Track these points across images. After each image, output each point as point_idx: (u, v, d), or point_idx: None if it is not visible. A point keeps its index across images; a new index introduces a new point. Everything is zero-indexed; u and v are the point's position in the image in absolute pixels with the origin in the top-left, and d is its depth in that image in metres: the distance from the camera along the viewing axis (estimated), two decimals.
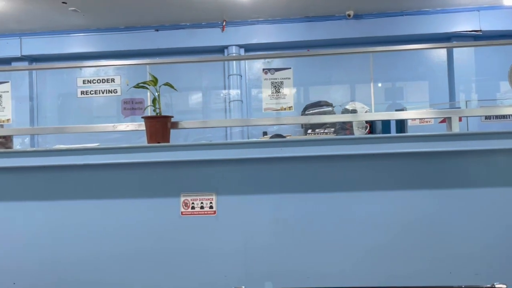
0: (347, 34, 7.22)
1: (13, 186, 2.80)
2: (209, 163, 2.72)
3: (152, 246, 2.73)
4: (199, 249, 2.72)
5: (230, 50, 7.57)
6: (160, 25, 7.58)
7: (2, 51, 7.92)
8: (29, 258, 2.76)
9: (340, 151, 2.67)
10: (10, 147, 5.27)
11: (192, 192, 2.73)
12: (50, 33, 7.88)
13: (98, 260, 2.74)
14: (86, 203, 2.77)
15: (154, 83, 2.73)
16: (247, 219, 2.71)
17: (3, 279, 2.72)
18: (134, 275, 2.73)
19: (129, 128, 3.01)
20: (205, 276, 2.71)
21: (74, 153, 2.76)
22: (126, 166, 2.73)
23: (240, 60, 7.42)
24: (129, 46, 7.58)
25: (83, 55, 7.86)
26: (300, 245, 2.69)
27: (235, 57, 7.12)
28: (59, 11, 6.77)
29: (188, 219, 2.74)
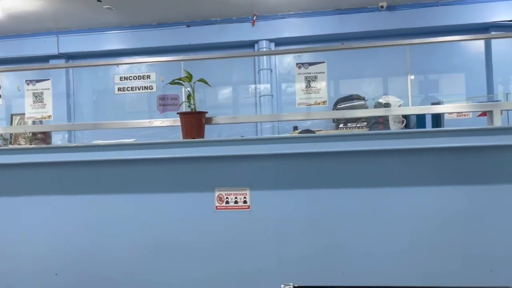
0: (380, 26, 7.08)
1: (53, 181, 2.90)
2: (242, 158, 2.74)
3: (187, 240, 2.78)
4: (233, 243, 2.75)
5: (260, 44, 7.57)
6: (191, 21, 7.65)
7: (40, 49, 8.20)
8: (70, 250, 2.86)
9: (374, 146, 2.63)
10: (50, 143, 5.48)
11: (226, 187, 2.75)
12: (85, 31, 8.09)
13: (134, 252, 2.81)
14: (123, 197, 2.85)
15: (189, 79, 2.77)
16: (281, 214, 2.72)
17: (47, 270, 2.84)
18: (170, 268, 2.79)
19: (165, 124, 3.06)
20: (239, 270, 2.74)
21: (111, 148, 2.83)
22: (162, 161, 2.78)
23: (271, 55, 7.40)
24: (161, 42, 7.70)
25: (117, 52, 8.04)
26: (334, 241, 2.68)
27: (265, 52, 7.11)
28: (94, 9, 6.94)
29: (222, 213, 2.77)
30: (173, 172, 2.80)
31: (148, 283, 2.79)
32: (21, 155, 2.90)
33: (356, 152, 2.66)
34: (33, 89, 3.08)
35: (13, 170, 2.90)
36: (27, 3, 6.60)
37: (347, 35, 7.24)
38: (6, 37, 8.20)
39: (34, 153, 2.89)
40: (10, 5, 6.60)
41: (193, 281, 2.76)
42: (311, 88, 2.79)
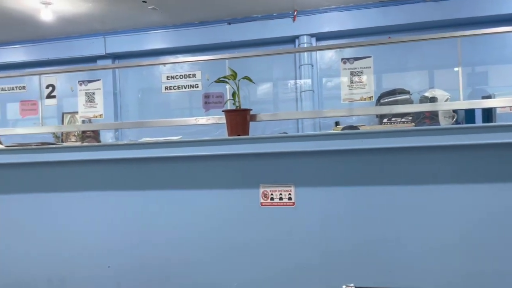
0: (425, 17, 6.86)
1: (104, 177, 3.01)
2: (287, 155, 2.75)
3: (233, 236, 2.83)
4: (278, 239, 2.77)
5: (301, 40, 7.52)
6: (233, 18, 7.72)
7: (88, 50, 8.53)
8: (121, 244, 2.97)
9: (421, 142, 2.57)
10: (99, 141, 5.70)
11: (271, 184, 2.77)
12: (130, 31, 8.34)
13: (181, 248, 2.89)
14: (170, 194, 2.93)
15: (234, 77, 2.81)
16: (326, 210, 2.71)
17: (100, 263, 2.97)
18: (214, 264, 2.84)
19: (210, 121, 3.12)
20: (284, 266, 2.76)
21: (159, 146, 2.92)
22: (208, 158, 2.84)
23: (312, 51, 7.34)
24: (202, 40, 7.81)
25: (161, 51, 8.24)
26: (380, 239, 2.64)
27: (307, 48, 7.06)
28: (139, 10, 7.14)
29: (267, 209, 2.79)
30: (218, 169, 2.85)
31: (193, 278, 2.86)
32: (73, 153, 3.03)
33: (402, 148, 2.61)
34: (85, 89, 3.22)
35: (65, 167, 3.04)
36: (76, 6, 6.88)
37: (390, 27, 7.06)
38: (56, 39, 8.59)
39: (86, 151, 3.02)
40: (60, 8, 6.91)
41: (238, 277, 2.81)
42: (357, 83, 2.75)
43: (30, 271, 3.06)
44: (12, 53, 8.77)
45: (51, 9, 6.80)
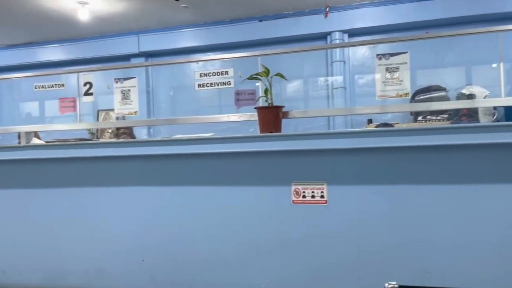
0: (464, 11, 6.63)
1: (137, 173, 3.07)
2: (320, 153, 2.72)
3: (264, 233, 2.83)
4: (311, 237, 2.75)
5: (333, 36, 7.43)
6: (264, 15, 7.70)
7: (122, 49, 8.71)
8: (154, 238, 3.03)
9: (458, 140, 2.49)
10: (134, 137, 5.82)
11: (303, 181, 2.75)
12: (162, 30, 8.47)
13: (212, 243, 2.91)
14: (202, 190, 2.95)
15: (266, 74, 2.80)
16: (359, 209, 2.67)
17: (134, 257, 3.03)
18: (246, 260, 2.85)
19: (242, 118, 3.12)
20: (316, 264, 2.74)
21: (192, 142, 2.95)
22: (240, 155, 2.85)
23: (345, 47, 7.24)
24: (234, 38, 7.84)
25: (192, 49, 8.32)
26: (414, 238, 2.58)
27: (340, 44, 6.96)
28: (172, 8, 7.23)
29: (299, 207, 2.78)
30: (250, 166, 2.85)
31: (224, 274, 2.88)
32: (109, 148, 3.11)
33: (438, 147, 2.53)
34: (121, 86, 3.29)
35: (102, 163, 3.11)
36: (111, 5, 7.04)
37: (427, 22, 6.86)
38: (92, 38, 8.82)
39: (121, 147, 3.09)
40: (96, 8, 7.08)
41: (269, 275, 2.80)
42: (392, 80, 2.69)
43: (68, 263, 3.16)
44: (50, 52, 9.07)
45: (88, 9, 6.98)
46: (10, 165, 3.25)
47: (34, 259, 3.22)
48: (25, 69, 9.06)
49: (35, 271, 3.21)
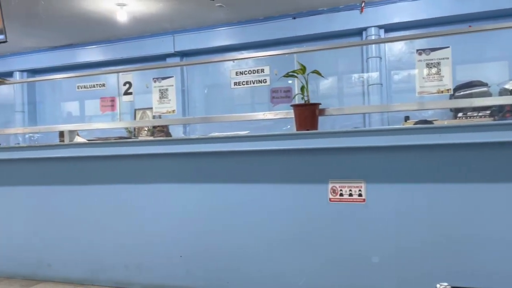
0: (506, 4, 6.36)
1: (176, 170, 3.13)
2: (357, 150, 2.68)
3: (300, 231, 2.82)
4: (348, 235, 2.72)
5: (369, 32, 7.30)
6: (298, 12, 7.66)
7: (158, 49, 8.88)
8: (191, 234, 3.07)
9: (502, 137, 2.39)
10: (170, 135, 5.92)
11: (340, 179, 2.73)
12: (197, 29, 8.57)
13: (249, 240, 2.93)
14: (237, 187, 2.97)
15: (303, 71, 2.78)
16: (399, 208, 2.62)
17: (172, 252, 3.09)
18: (282, 257, 2.85)
19: (278, 116, 3.12)
20: (354, 262, 2.70)
21: (227, 140, 2.97)
22: (276, 153, 2.85)
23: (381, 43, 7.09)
24: (267, 36, 7.84)
25: (226, 47, 8.38)
26: (457, 237, 2.50)
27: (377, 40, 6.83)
28: (207, 8, 7.30)
29: (336, 206, 2.75)
30: (286, 163, 2.85)
31: (261, 271, 2.89)
32: (147, 146, 3.17)
33: (479, 144, 2.45)
34: (159, 86, 3.36)
35: (139, 160, 3.18)
36: (148, 6, 7.19)
37: (467, 16, 6.63)
38: (129, 38, 9.04)
39: (160, 144, 3.15)
40: (133, 9, 7.25)
41: (307, 271, 2.79)
42: (433, 76, 2.61)
43: (109, 257, 3.26)
44: (90, 53, 9.36)
45: (126, 10, 7.16)
46: (55, 162, 3.38)
47: (78, 253, 3.34)
48: (66, 70, 9.41)
49: (78, 264, 3.33)
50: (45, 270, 3.42)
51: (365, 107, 5.73)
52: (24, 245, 3.50)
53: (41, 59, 9.72)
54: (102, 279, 3.26)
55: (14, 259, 3.52)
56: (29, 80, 8.45)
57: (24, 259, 3.49)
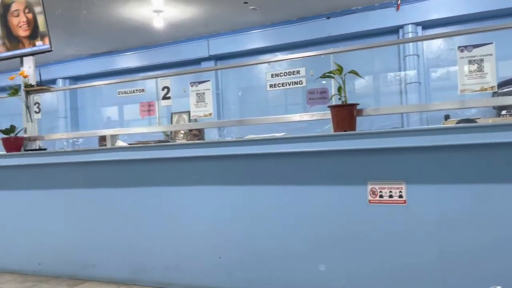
0: None
1: (213, 173, 3.16)
2: (398, 151, 2.63)
3: (340, 233, 2.79)
4: (389, 238, 2.67)
5: (405, 29, 7.15)
6: (331, 12, 7.60)
7: (193, 53, 9.04)
8: (231, 236, 3.10)
9: None
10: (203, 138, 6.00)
11: (380, 180, 2.68)
12: (231, 33, 8.66)
13: (288, 242, 2.92)
14: (276, 188, 2.97)
15: (340, 71, 2.76)
16: (442, 209, 2.54)
17: (211, 254, 3.13)
18: (322, 259, 2.83)
19: (315, 117, 3.10)
20: (396, 265, 2.65)
21: (264, 142, 2.97)
22: (313, 154, 2.83)
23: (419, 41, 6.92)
24: (301, 37, 7.82)
25: (261, 49, 8.43)
26: (504, 239, 2.40)
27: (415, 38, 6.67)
28: (240, 11, 7.37)
29: (376, 207, 2.70)
30: (324, 165, 2.83)
31: (301, 272, 2.88)
32: (185, 150, 3.23)
33: None
34: (196, 90, 3.41)
35: (179, 163, 3.24)
36: (183, 12, 7.33)
37: (506, 11, 6.37)
38: (166, 44, 9.25)
39: (198, 147, 3.20)
40: (170, 15, 7.41)
41: (347, 274, 2.76)
42: (476, 73, 2.53)
43: (150, 258, 3.33)
44: (128, 59, 9.64)
45: (162, 17, 7.33)
46: (98, 166, 3.50)
47: (120, 254, 3.44)
48: (106, 76, 9.73)
49: (121, 265, 3.43)
50: (90, 270, 3.55)
51: (404, 106, 5.60)
52: (70, 246, 3.64)
53: (82, 66, 10.11)
54: (143, 279, 3.35)
55: (61, 259, 3.67)
56: (71, 87, 8.80)
57: (70, 259, 3.63)
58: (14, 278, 3.70)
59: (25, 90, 4.17)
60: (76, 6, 5.60)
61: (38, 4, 4.10)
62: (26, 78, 4.16)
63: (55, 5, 5.30)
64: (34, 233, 3.78)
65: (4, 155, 3.92)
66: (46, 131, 4.95)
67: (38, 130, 4.30)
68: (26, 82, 4.16)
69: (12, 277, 3.72)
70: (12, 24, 4.23)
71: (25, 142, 4.14)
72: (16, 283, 3.55)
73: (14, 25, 4.22)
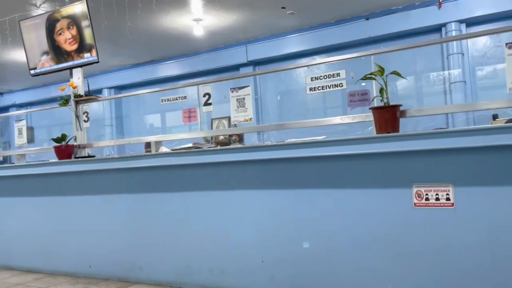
0: None
1: (255, 177, 3.18)
2: (443, 152, 2.55)
3: (385, 237, 2.73)
4: (436, 242, 2.59)
5: (448, 27, 6.93)
6: (371, 13, 7.49)
7: (232, 59, 9.15)
8: (273, 240, 3.11)
9: None
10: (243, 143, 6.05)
11: (425, 183, 2.61)
12: (269, 38, 8.71)
13: (331, 245, 2.89)
14: (318, 192, 2.96)
15: (381, 73, 2.72)
16: (493, 213, 2.44)
17: (254, 258, 3.15)
18: (365, 263, 2.78)
19: (356, 120, 3.07)
20: (442, 271, 2.57)
21: (303, 146, 2.97)
22: (356, 157, 2.79)
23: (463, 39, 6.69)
24: (341, 39, 7.75)
25: (299, 53, 8.42)
26: None
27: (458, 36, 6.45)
28: (278, 16, 7.40)
29: (422, 211, 2.63)
30: (367, 168, 2.78)
31: (345, 276, 2.85)
32: (225, 154, 3.27)
33: None
34: (236, 95, 3.46)
35: (219, 167, 3.29)
36: (222, 19, 7.45)
37: None
38: (205, 51, 9.43)
39: (238, 152, 3.24)
40: (209, 23, 7.56)
41: (393, 278, 2.70)
42: None
43: (195, 262, 3.40)
44: (169, 68, 9.90)
45: (202, 25, 7.48)
46: (144, 171, 3.62)
47: (167, 257, 3.53)
48: (148, 84, 10.04)
49: (168, 268, 3.52)
50: (137, 273, 3.66)
51: (449, 106, 5.41)
52: (118, 249, 3.78)
53: (126, 76, 10.48)
54: (189, 282, 3.41)
55: (110, 262, 3.81)
56: (116, 96, 9.15)
57: (118, 262, 3.76)
58: (67, 280, 3.87)
59: (74, 100, 4.38)
60: (121, 18, 5.82)
61: (86, 18, 4.30)
62: (75, 88, 4.37)
63: (101, 19, 5.54)
64: (85, 236, 3.94)
65: (57, 162, 4.13)
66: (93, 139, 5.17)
67: (87, 138, 4.50)
68: (76, 92, 4.37)
69: (65, 279, 3.90)
70: (59, 41, 4.47)
71: (75, 150, 4.34)
72: (68, 284, 3.72)
73: (61, 41, 4.45)
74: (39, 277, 4.02)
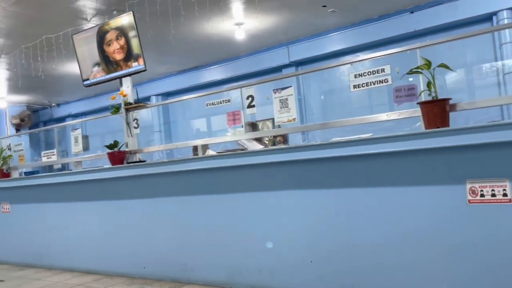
0: None
1: (304, 177, 3.18)
2: (498, 146, 2.44)
3: (439, 235, 2.65)
4: (492, 240, 2.48)
5: (499, 16, 6.59)
6: (415, 6, 7.26)
7: (274, 61, 9.17)
8: (322, 240, 3.09)
9: None
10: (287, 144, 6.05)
11: (480, 179, 2.51)
12: (310, 37, 8.65)
13: (382, 244, 2.84)
14: (366, 191, 2.91)
15: (428, 66, 2.64)
16: None
17: (303, 258, 3.15)
18: (419, 262, 2.71)
19: (403, 116, 2.99)
20: (500, 271, 2.45)
21: (349, 144, 2.93)
22: (405, 154, 2.73)
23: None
24: (385, 34, 7.57)
25: (341, 51, 8.30)
26: None
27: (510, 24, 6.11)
28: (319, 15, 7.35)
29: (477, 207, 2.53)
30: (416, 164, 2.71)
31: (396, 277, 2.78)
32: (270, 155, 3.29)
33: None
34: (279, 96, 3.48)
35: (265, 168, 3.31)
36: (263, 22, 7.49)
37: None
38: (247, 55, 9.51)
39: (283, 152, 3.24)
40: (250, 27, 7.62)
41: (446, 279, 2.61)
42: None
43: (245, 262, 3.44)
44: (213, 72, 10.08)
45: (243, 29, 7.56)
46: (192, 174, 3.71)
47: (217, 258, 3.60)
48: (193, 90, 10.26)
49: (218, 269, 3.59)
50: (188, 273, 3.76)
51: (502, 97, 5.14)
52: (170, 251, 3.89)
53: (172, 82, 10.78)
54: (239, 282, 3.46)
55: (163, 263, 3.93)
56: (164, 102, 9.42)
57: (170, 263, 3.88)
58: (123, 281, 4.04)
59: (125, 108, 4.57)
60: (166, 27, 6.00)
61: (133, 29, 4.48)
62: (125, 97, 4.56)
63: (147, 28, 5.74)
64: (139, 238, 4.10)
65: (110, 168, 4.33)
66: (143, 144, 5.36)
67: (137, 144, 4.68)
68: (126, 100, 4.56)
69: (121, 280, 4.06)
70: (108, 51, 4.68)
71: (127, 155, 4.52)
72: (124, 285, 3.88)
73: (110, 52, 4.66)
74: (97, 278, 4.23)
